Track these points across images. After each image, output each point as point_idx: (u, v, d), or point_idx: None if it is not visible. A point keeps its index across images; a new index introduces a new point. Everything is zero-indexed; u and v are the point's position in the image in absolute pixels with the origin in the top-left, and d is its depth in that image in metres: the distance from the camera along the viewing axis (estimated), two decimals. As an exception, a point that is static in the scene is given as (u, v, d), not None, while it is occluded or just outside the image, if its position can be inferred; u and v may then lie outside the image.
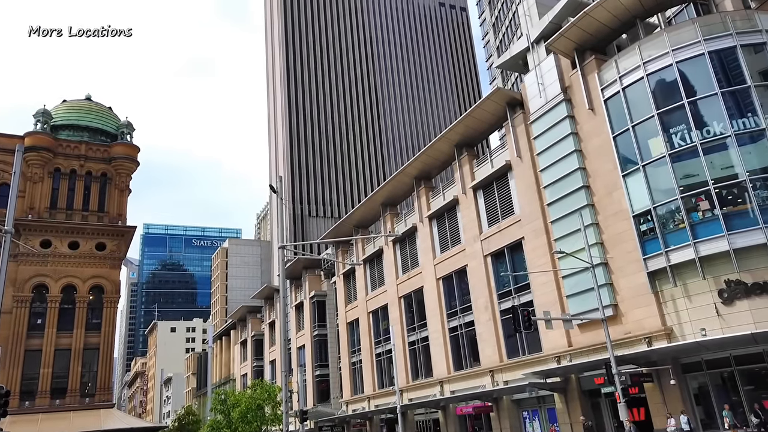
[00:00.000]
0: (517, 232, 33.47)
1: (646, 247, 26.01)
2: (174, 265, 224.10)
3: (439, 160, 41.71)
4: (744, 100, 25.12)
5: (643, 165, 26.48)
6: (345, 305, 53.78)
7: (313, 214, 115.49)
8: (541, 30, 32.95)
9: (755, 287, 22.91)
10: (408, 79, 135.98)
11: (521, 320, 24.09)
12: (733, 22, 26.16)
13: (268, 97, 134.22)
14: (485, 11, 79.97)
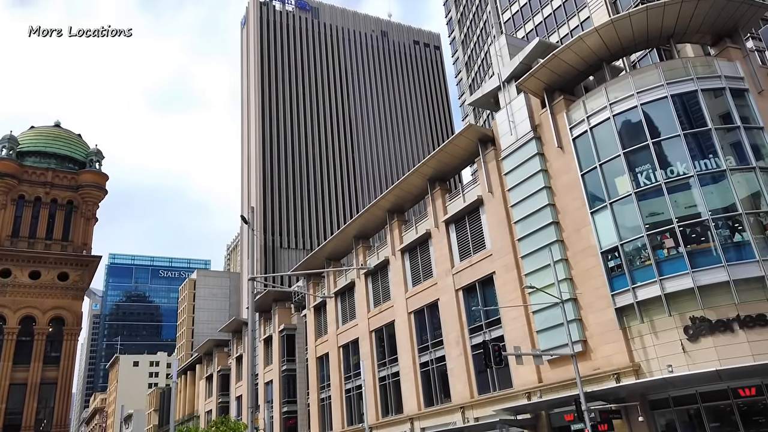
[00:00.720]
0: (489, 266, 33.68)
1: (613, 283, 26.40)
2: (139, 297, 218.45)
3: (412, 194, 42.01)
4: (705, 142, 26.10)
5: (610, 202, 27.11)
6: (315, 339, 52.95)
7: (284, 245, 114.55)
8: (512, 70, 33.90)
9: (719, 324, 23.38)
10: (382, 114, 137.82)
11: (492, 356, 24.04)
12: (694, 67, 27.36)
13: (242, 128, 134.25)
14: (458, 50, 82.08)
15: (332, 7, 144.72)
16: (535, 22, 58.75)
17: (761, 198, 24.87)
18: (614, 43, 28.87)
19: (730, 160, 25.36)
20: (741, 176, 25.25)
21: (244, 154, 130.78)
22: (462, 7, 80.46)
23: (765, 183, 25.00)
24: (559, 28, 55.24)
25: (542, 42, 33.43)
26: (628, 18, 27.87)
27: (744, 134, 25.84)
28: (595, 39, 28.59)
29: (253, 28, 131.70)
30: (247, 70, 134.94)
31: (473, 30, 75.60)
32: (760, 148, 25.93)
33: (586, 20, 51.99)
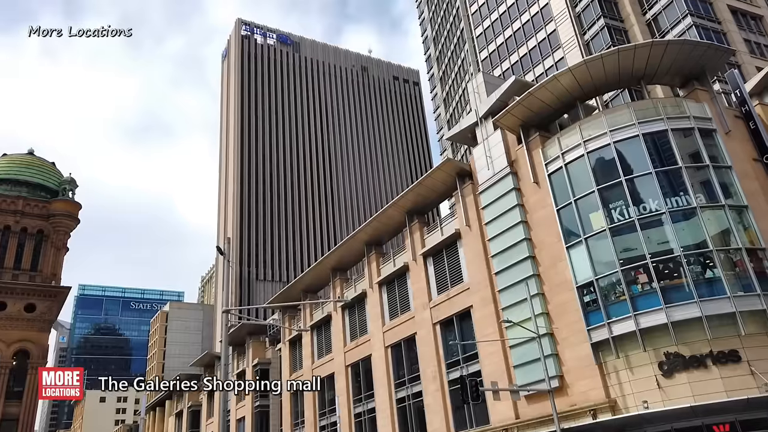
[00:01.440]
0: (466, 300, 33.64)
1: (589, 318, 26.54)
2: (109, 330, 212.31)
3: (391, 227, 42.06)
4: (676, 179, 26.77)
5: (585, 237, 27.47)
6: (290, 374, 51.87)
7: (260, 277, 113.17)
8: (489, 106, 34.58)
9: (693, 360, 23.58)
10: (361, 147, 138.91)
11: (469, 391, 23.81)
12: (664, 107, 28.27)
13: (221, 159, 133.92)
14: (437, 87, 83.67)
15: (313, 42, 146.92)
16: (511, 61, 60.36)
17: (731, 235, 25.47)
18: (587, 83, 29.73)
19: (700, 197, 26.01)
20: (711, 213, 25.88)
21: (221, 184, 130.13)
22: (441, 45, 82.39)
23: (734, 220, 25.65)
24: (534, 68, 56.81)
25: (518, 80, 34.26)
26: (601, 59, 28.80)
27: (713, 173, 26.60)
28: (569, 78, 29.42)
29: (234, 61, 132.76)
30: (226, 101, 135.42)
31: (451, 67, 77.29)
32: (729, 186, 26.68)
33: (560, 60, 53.63)
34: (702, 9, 47.60)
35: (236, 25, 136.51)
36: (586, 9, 52.56)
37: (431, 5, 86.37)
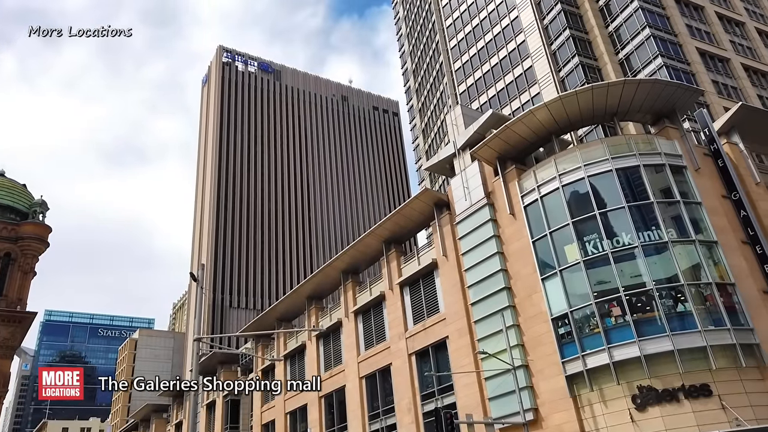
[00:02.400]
0: (442, 330, 33.49)
1: (564, 351, 26.60)
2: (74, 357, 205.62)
3: (368, 255, 41.93)
4: (648, 214, 27.33)
5: (560, 270, 27.73)
6: (261, 405, 50.69)
7: (234, 305, 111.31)
8: (467, 138, 35.10)
9: (665, 393, 23.71)
10: (339, 176, 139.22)
11: (444, 424, 23.51)
12: (636, 144, 29.02)
13: (197, 185, 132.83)
14: (416, 118, 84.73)
15: (294, 71, 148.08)
16: (488, 95, 61.56)
17: (701, 270, 25.95)
18: (562, 118, 30.43)
19: (671, 232, 26.55)
20: (682, 248, 26.40)
21: (197, 210, 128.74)
22: (420, 78, 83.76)
23: (704, 255, 26.19)
24: (511, 102, 57.98)
25: (495, 114, 34.93)
26: (575, 96, 29.57)
27: (684, 208, 27.24)
28: (544, 113, 30.09)
29: (215, 87, 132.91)
30: (205, 127, 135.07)
31: (430, 99, 78.49)
32: (699, 222, 27.32)
33: (536, 96, 54.88)
34: (672, 50, 49.38)
35: (217, 52, 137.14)
36: (561, 47, 54.13)
37: (411, 39, 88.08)
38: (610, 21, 53.62)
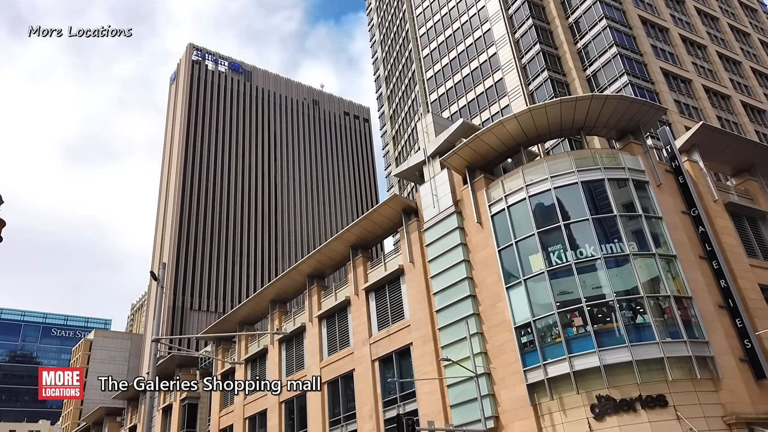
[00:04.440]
0: (407, 337, 33.44)
1: (526, 359, 26.86)
2: (25, 357, 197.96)
3: (334, 260, 41.65)
4: (610, 228, 27.90)
5: (524, 279, 28.04)
6: (219, 410, 49.69)
7: (195, 307, 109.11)
8: (437, 146, 35.29)
9: (623, 403, 24.14)
10: (308, 180, 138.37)
11: (405, 430, 23.39)
12: (601, 158, 29.65)
13: (161, 184, 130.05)
14: (387, 124, 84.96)
15: (266, 72, 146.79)
16: (459, 105, 62.18)
17: (660, 283, 26.60)
18: (531, 130, 30.90)
19: (633, 245, 27.15)
20: (642, 261, 27.01)
21: (160, 210, 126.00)
22: (392, 85, 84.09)
23: (663, 269, 26.86)
24: (481, 113, 58.68)
25: (466, 123, 35.23)
26: (544, 108, 30.06)
27: (645, 223, 27.90)
28: (514, 125, 30.50)
29: (183, 85, 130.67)
30: (172, 125, 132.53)
31: (401, 107, 78.83)
32: (659, 236, 28.02)
33: (506, 108, 55.70)
34: (637, 69, 50.82)
35: (187, 50, 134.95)
36: (531, 61, 55.12)
37: (385, 46, 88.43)
38: (579, 38, 54.90)
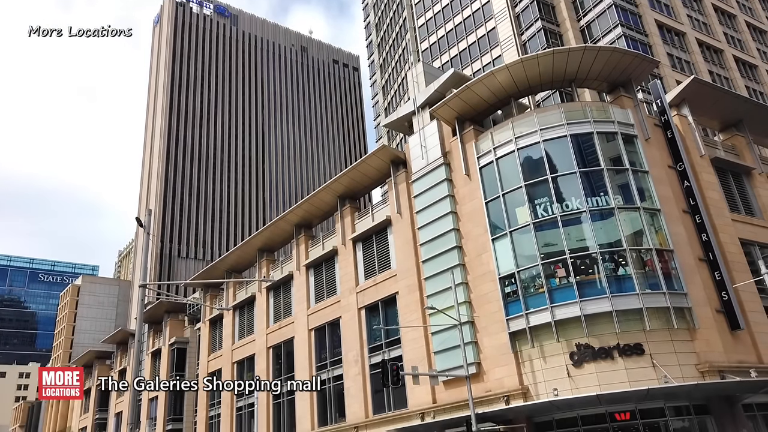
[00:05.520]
0: (393, 286, 33.97)
1: (509, 309, 27.49)
2: (13, 302, 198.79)
3: (322, 210, 41.71)
4: (597, 181, 28.07)
5: (510, 231, 28.35)
6: (208, 354, 50.64)
7: (182, 255, 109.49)
8: (427, 97, 34.86)
9: (601, 351, 24.95)
10: (296, 129, 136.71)
11: (390, 375, 24.09)
12: (591, 111, 29.50)
13: (146, 128, 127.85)
14: (376, 73, 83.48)
15: (252, 17, 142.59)
16: (450, 54, 61.10)
17: (643, 236, 27.04)
18: (522, 81, 30.54)
19: (618, 199, 27.41)
20: (627, 215, 27.35)
21: (146, 155, 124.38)
22: (383, 32, 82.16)
23: (647, 222, 27.25)
24: (472, 63, 57.78)
25: (456, 73, 34.71)
26: (536, 59, 29.64)
27: (631, 177, 28.08)
28: (505, 75, 30.11)
29: (167, 28, 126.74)
30: (156, 69, 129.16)
31: (392, 55, 77.30)
32: (644, 190, 28.28)
33: (498, 58, 54.86)
34: (632, 21, 50.00)
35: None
36: (524, 10, 53.95)
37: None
38: (575, -13, 53.64)
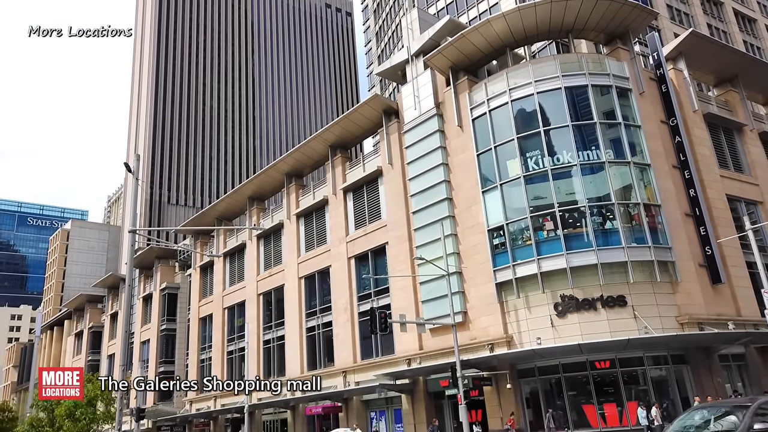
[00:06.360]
0: (382, 236, 34.22)
1: (496, 260, 27.90)
2: (2, 245, 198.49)
3: (313, 159, 41.46)
4: (589, 135, 27.99)
5: (500, 183, 28.42)
6: (199, 299, 51.30)
7: (172, 201, 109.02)
8: (421, 45, 34.15)
9: (585, 302, 25.55)
10: (287, 75, 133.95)
11: (378, 322, 24.59)
12: (587, 63, 29.10)
13: (134, 72, 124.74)
14: (370, 19, 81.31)
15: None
16: (446, 1, 59.40)
17: (632, 191, 27.23)
18: (519, 31, 29.94)
19: (609, 153, 27.43)
20: (617, 169, 27.45)
21: (133, 99, 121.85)
22: (377, -25, 79.48)
23: (636, 177, 27.39)
24: (468, 10, 56.28)
25: (452, 21, 33.92)
26: (534, 8, 28.95)
27: (623, 131, 28.02)
28: (501, 24, 29.47)
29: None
30: (143, 9, 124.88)
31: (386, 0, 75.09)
32: (636, 145, 28.29)
33: (494, 6, 53.40)
34: (633, -30, 48.65)
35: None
36: (525, -45, 52.24)
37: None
38: (577, -68, 51.83)
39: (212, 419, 45.56)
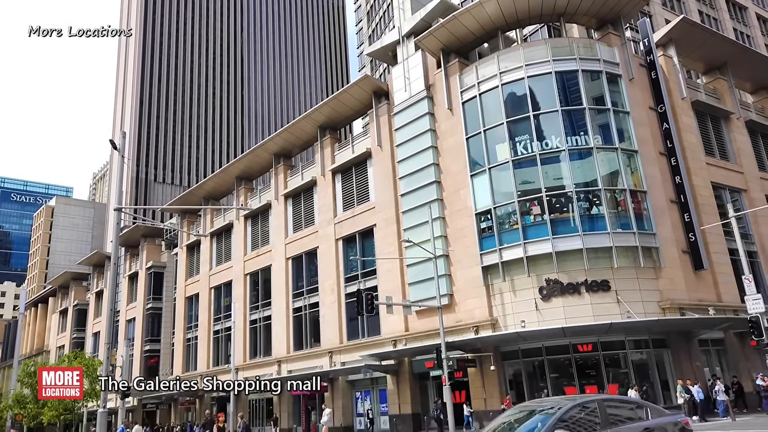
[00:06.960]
0: (371, 218, 34.25)
1: (483, 243, 28.07)
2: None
3: (301, 139, 41.20)
4: (578, 120, 28.06)
5: (489, 167, 28.49)
6: (185, 279, 51.14)
7: (159, 179, 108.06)
8: (413, 25, 33.87)
9: (569, 287, 25.85)
10: (276, 54, 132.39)
11: (364, 303, 24.74)
12: (577, 48, 29.06)
13: (120, 47, 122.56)
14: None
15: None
16: (439, -19, 58.77)
17: (619, 177, 27.44)
18: (511, 14, 29.76)
19: (597, 138, 27.55)
20: (605, 155, 27.59)
21: (119, 76, 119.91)
22: (369, -46, 78.35)
23: (624, 163, 27.58)
24: (461, -9, 55.76)
25: (444, 1, 33.62)
26: (527, -10, 28.74)
27: (612, 117, 28.12)
28: (494, 6, 29.26)
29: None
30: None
31: (378, -21, 74.14)
32: (624, 131, 28.42)
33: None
34: (626, -45, 48.35)
35: None
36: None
37: None
38: None
39: (198, 397, 45.73)
